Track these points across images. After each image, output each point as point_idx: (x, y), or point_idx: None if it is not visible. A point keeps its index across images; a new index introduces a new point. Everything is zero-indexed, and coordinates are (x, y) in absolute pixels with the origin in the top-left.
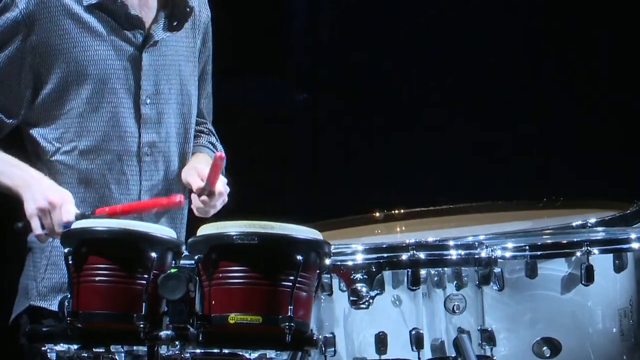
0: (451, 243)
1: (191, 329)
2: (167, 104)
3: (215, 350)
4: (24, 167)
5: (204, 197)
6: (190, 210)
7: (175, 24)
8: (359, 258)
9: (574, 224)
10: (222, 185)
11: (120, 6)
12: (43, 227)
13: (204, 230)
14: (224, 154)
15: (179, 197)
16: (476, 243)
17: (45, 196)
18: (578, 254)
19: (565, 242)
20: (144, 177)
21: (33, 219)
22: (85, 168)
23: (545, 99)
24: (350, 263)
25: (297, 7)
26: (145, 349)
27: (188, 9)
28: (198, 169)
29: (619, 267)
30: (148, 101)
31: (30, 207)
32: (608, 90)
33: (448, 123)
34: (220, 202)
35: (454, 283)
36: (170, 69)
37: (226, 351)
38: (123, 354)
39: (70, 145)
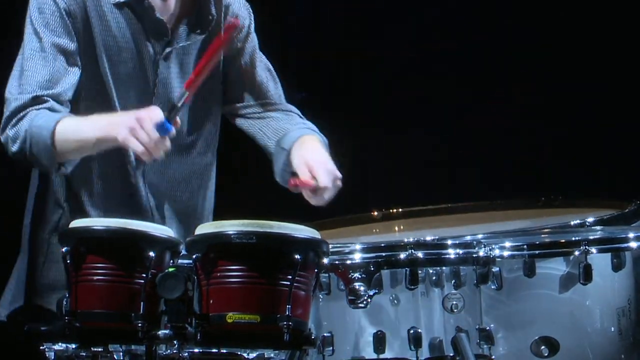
0: (449, 242)
1: (189, 328)
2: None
3: (214, 350)
4: (107, 115)
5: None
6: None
7: (197, 31)
8: (357, 257)
9: (572, 223)
10: (327, 179)
11: (148, 8)
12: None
13: (202, 229)
14: None
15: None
16: (474, 242)
17: (131, 117)
18: (576, 253)
19: (563, 241)
20: (147, 179)
21: (129, 141)
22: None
23: (545, 98)
24: (348, 262)
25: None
26: (144, 348)
27: (210, 17)
28: (309, 161)
29: (617, 266)
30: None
31: (123, 133)
32: (607, 89)
33: (447, 122)
34: (329, 194)
35: (452, 282)
36: (185, 77)
37: (224, 350)
38: (121, 353)
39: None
